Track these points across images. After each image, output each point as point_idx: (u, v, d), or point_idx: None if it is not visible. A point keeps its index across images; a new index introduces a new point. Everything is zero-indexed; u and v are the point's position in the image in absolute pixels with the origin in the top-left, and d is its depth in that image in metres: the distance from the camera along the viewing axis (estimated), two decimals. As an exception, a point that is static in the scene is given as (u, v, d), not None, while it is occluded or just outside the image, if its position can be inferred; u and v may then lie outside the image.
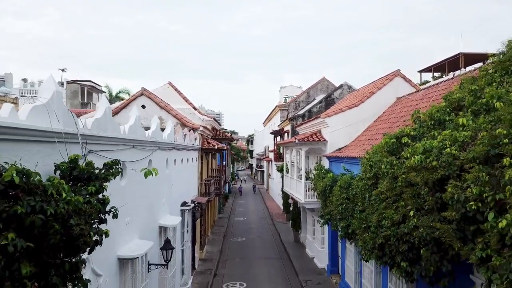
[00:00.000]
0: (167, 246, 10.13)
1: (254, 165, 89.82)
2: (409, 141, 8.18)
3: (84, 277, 4.68)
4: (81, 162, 5.19)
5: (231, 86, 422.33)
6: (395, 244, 7.53)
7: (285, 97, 50.48)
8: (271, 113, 52.22)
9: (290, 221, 27.92)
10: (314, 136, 19.50)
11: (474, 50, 26.71)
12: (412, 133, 8.42)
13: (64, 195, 3.97)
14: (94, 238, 4.62)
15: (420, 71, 31.93)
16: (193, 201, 17.44)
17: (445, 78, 16.83)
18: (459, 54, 25.01)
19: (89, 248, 4.69)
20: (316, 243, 21.04)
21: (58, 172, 4.96)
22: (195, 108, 27.19)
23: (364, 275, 12.87)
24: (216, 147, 22.48)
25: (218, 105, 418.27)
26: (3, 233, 3.31)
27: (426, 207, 6.40)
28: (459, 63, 24.75)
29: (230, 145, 44.94)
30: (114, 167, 5.38)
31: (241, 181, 74.14)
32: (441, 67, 27.74)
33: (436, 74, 29.29)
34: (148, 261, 9.45)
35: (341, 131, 18.59)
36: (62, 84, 36.82)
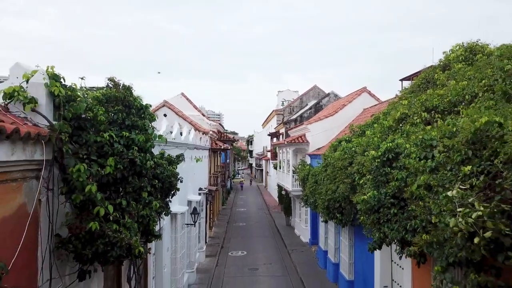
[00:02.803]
0: (194, 212, 15.51)
1: (253, 165, 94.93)
2: (344, 143, 13.52)
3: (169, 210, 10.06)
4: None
5: (231, 86, 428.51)
6: (333, 204, 12.89)
7: (283, 101, 55.89)
8: (268, 116, 57.62)
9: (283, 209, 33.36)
10: (299, 138, 24.85)
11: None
12: (347, 138, 13.79)
13: (168, 167, 9.32)
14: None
15: (401, 80, 37.17)
16: (205, 188, 22.81)
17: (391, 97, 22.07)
18: (431, 66, 30.36)
19: (171, 194, 10.02)
20: (302, 223, 26.42)
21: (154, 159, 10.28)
22: (203, 115, 32.73)
23: (329, 237, 18.23)
24: (222, 147, 27.87)
25: (218, 105, 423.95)
26: (154, 179, 8.65)
27: (344, 180, 11.75)
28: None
29: (232, 145, 50.36)
30: (181, 157, 10.73)
31: (241, 179, 79.61)
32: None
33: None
34: (182, 221, 14.83)
35: (320, 135, 23.94)
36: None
